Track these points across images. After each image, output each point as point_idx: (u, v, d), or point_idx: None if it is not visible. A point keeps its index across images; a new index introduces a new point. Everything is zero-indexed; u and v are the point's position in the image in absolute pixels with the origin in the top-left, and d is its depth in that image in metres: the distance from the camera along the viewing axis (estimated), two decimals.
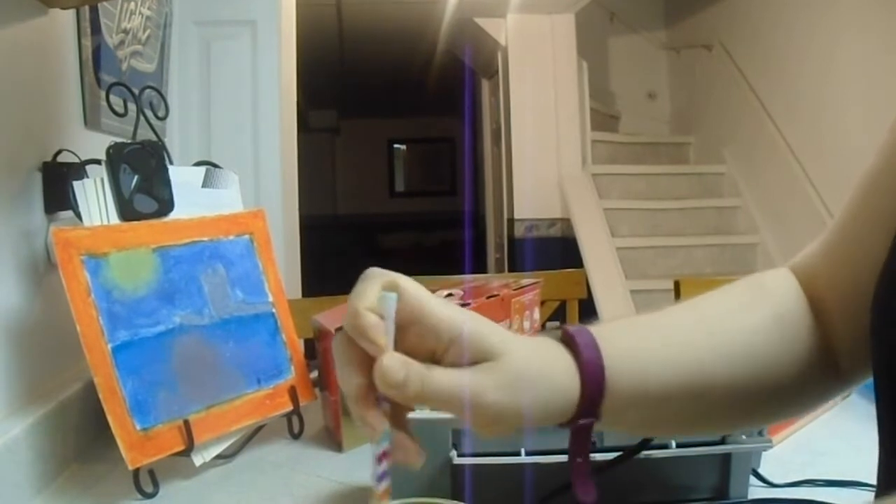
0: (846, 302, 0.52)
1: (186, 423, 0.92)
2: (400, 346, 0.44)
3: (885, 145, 0.53)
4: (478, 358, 0.43)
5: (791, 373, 0.52)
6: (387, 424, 0.43)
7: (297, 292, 2.46)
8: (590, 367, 0.46)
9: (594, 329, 0.48)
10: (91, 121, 1.27)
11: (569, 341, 0.47)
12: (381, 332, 0.42)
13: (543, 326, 1.48)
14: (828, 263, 0.56)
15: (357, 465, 0.98)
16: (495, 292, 1.13)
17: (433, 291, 1.19)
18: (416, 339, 0.44)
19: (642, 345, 0.50)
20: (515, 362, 0.44)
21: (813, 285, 0.56)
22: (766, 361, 0.51)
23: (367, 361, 0.43)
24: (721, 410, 0.52)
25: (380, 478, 0.43)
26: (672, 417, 0.51)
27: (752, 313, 0.53)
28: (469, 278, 1.63)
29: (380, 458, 0.43)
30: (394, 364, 0.41)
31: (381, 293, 0.43)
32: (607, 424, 0.47)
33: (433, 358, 0.44)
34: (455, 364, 0.43)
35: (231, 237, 1.07)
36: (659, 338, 0.51)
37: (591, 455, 0.74)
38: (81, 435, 1.02)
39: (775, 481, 0.84)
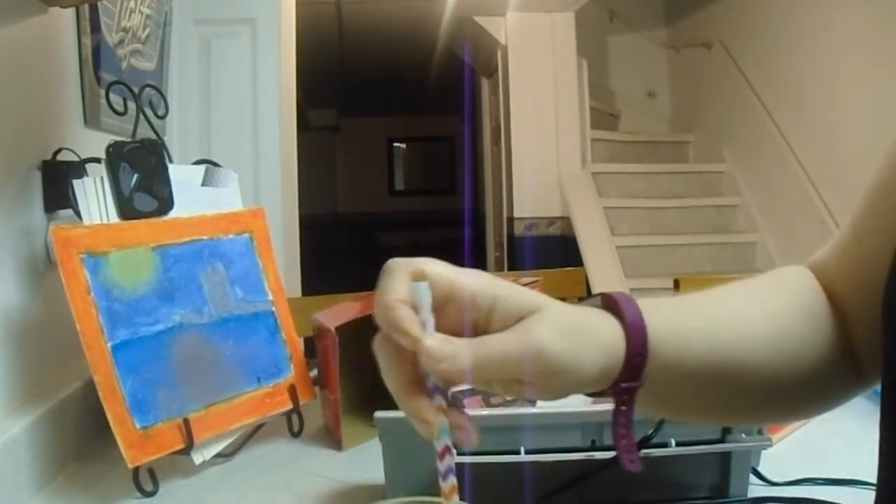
0: (860, 300, 0.53)
1: (186, 421, 0.92)
2: (441, 329, 0.43)
3: (894, 145, 0.53)
4: (522, 315, 0.43)
5: (815, 363, 0.52)
6: (444, 419, 0.42)
7: (296, 291, 2.46)
8: (634, 327, 0.46)
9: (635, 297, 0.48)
10: (91, 119, 1.27)
11: (611, 305, 0.47)
12: (415, 323, 0.41)
13: None
14: (840, 262, 0.56)
15: (356, 463, 0.98)
16: None
17: None
18: (455, 317, 0.43)
19: (678, 318, 0.50)
20: (560, 314, 0.44)
21: (827, 283, 0.56)
22: (791, 350, 0.52)
23: (409, 356, 0.42)
24: (746, 397, 0.52)
25: (445, 475, 0.42)
26: (702, 398, 0.51)
27: (778, 302, 0.54)
28: None
29: (442, 455, 0.42)
30: (436, 342, 0.41)
31: (410, 284, 0.42)
32: (640, 399, 0.47)
33: (477, 333, 0.44)
34: (501, 330, 0.43)
35: (231, 236, 1.07)
36: (693, 314, 0.51)
37: (590, 454, 0.74)
38: (81, 433, 1.02)
39: (775, 480, 0.84)
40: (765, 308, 0.53)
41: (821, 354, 0.53)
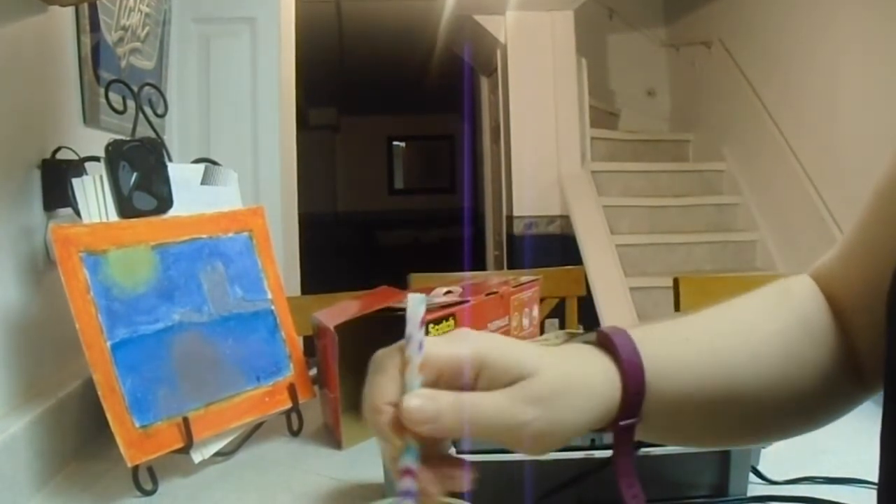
0: (864, 305, 0.52)
1: (185, 420, 0.92)
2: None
3: None
4: (512, 379, 0.42)
5: (818, 378, 0.52)
6: (410, 439, 0.41)
7: (296, 290, 2.46)
8: (630, 366, 0.45)
9: (629, 331, 0.48)
10: (90, 118, 1.27)
11: (605, 342, 0.47)
12: (399, 431, 0.41)
13: (542, 324, 1.48)
14: (846, 267, 0.56)
15: (356, 462, 0.98)
16: (494, 289, 1.13)
17: (432, 289, 1.19)
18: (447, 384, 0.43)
19: (677, 348, 0.50)
20: (551, 378, 0.43)
21: (831, 290, 0.56)
22: (796, 367, 0.51)
23: (401, 383, 0.42)
24: (751, 418, 0.52)
25: (402, 496, 0.40)
26: (704, 424, 0.51)
27: (780, 318, 0.53)
28: (468, 275, 1.63)
29: (402, 475, 0.41)
30: (416, 401, 0.40)
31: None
32: (643, 431, 0.47)
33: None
34: (489, 390, 0.42)
35: (230, 234, 1.07)
36: (693, 342, 0.51)
37: (590, 452, 0.74)
38: (80, 432, 1.02)
39: (775, 478, 0.84)
40: (768, 329, 0.52)
41: (825, 370, 0.52)
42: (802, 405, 0.52)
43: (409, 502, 0.41)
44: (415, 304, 0.41)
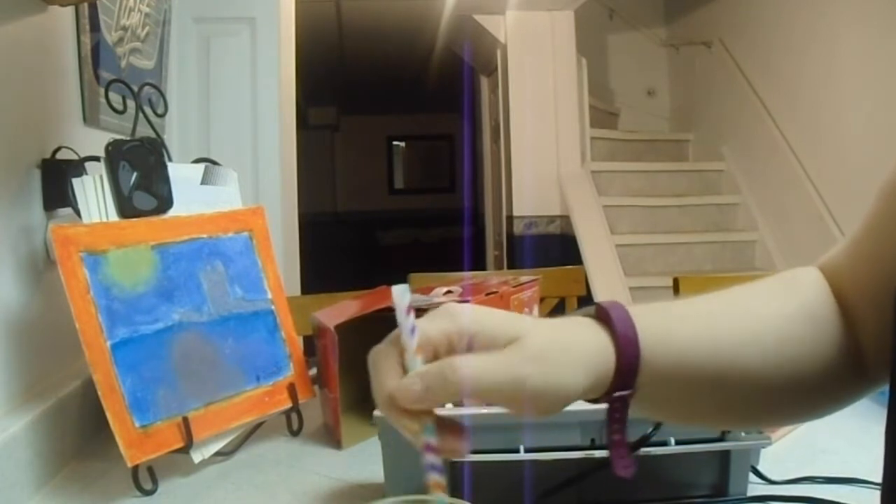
0: (871, 300, 0.53)
1: (185, 420, 0.92)
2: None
3: None
4: (506, 340, 0.43)
5: (819, 367, 0.52)
6: (427, 420, 0.43)
7: (296, 289, 2.46)
8: (625, 338, 0.46)
9: (627, 307, 0.48)
10: (90, 118, 1.27)
11: (602, 316, 0.48)
12: (416, 420, 0.43)
13: None
14: (852, 262, 0.56)
15: (356, 462, 0.98)
16: (494, 289, 1.13)
17: (432, 289, 1.19)
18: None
19: (673, 324, 0.50)
20: (545, 337, 0.44)
21: (838, 283, 0.56)
22: (795, 353, 0.51)
23: (401, 371, 0.43)
24: (747, 400, 0.52)
25: (427, 470, 0.43)
26: (700, 403, 0.51)
27: (783, 305, 0.54)
28: (468, 275, 1.63)
29: (424, 451, 0.43)
30: (402, 384, 0.42)
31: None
32: (637, 405, 0.47)
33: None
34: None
35: (230, 234, 1.07)
36: (690, 319, 0.51)
37: (590, 452, 0.74)
38: (80, 432, 1.02)
39: (774, 478, 0.84)
40: (768, 312, 0.53)
41: (826, 358, 0.52)
42: (801, 391, 0.52)
43: (434, 475, 0.43)
44: (399, 294, 0.43)
